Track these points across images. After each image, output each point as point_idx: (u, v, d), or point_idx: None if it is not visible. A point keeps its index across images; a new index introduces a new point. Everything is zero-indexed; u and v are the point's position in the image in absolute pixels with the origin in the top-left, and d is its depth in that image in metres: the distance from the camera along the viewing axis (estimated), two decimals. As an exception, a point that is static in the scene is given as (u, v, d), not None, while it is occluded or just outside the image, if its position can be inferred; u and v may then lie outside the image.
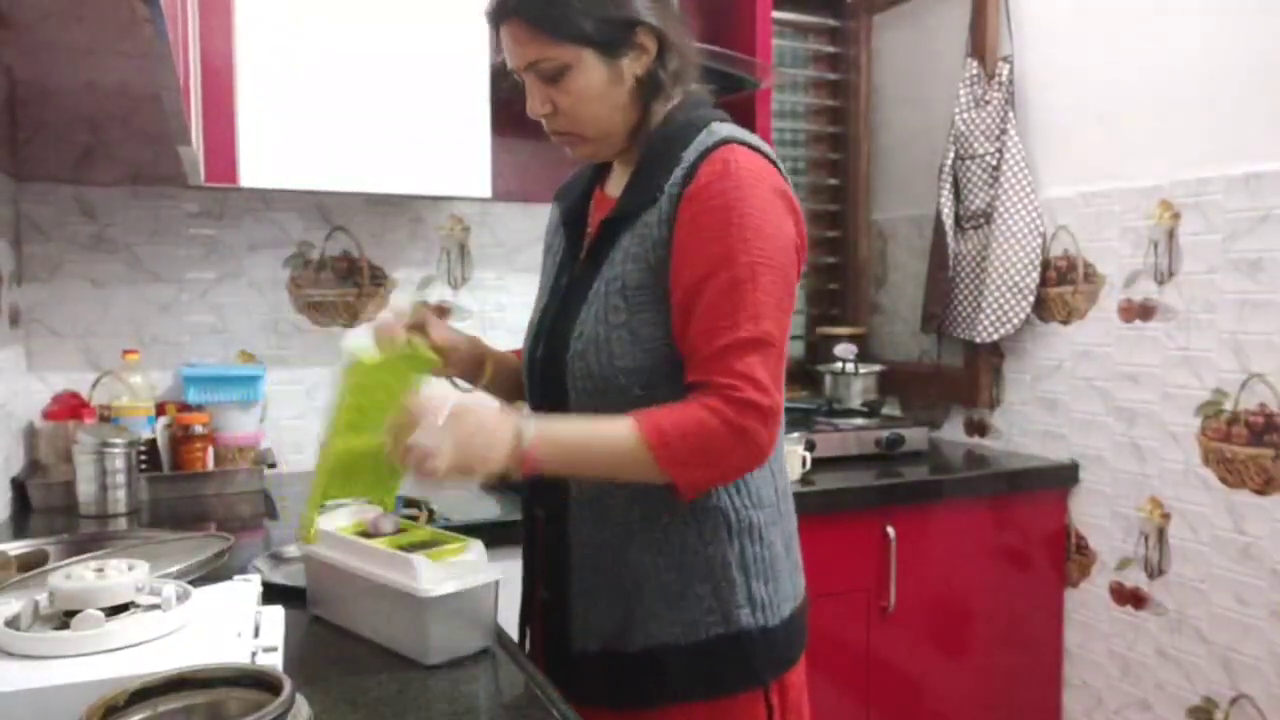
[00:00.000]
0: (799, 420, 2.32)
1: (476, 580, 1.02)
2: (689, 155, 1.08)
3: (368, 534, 1.10)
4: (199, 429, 1.84)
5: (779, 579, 1.16)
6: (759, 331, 1.03)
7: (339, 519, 1.14)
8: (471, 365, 1.26)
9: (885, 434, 2.22)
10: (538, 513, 1.20)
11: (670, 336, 1.07)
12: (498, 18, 1.10)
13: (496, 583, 1.05)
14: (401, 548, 1.04)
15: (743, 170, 1.05)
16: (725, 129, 1.10)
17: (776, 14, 2.33)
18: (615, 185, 1.19)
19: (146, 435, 1.81)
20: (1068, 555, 2.20)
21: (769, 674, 1.15)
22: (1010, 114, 2.24)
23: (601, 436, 1.03)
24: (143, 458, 1.77)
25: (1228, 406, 1.85)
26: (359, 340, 1.02)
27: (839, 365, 2.44)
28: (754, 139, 1.11)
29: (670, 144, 1.10)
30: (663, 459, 1.01)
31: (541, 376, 1.17)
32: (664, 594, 1.11)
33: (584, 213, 1.22)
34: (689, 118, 1.12)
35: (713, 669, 1.12)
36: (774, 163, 1.11)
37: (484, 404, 1.04)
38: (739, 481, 1.12)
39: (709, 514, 1.11)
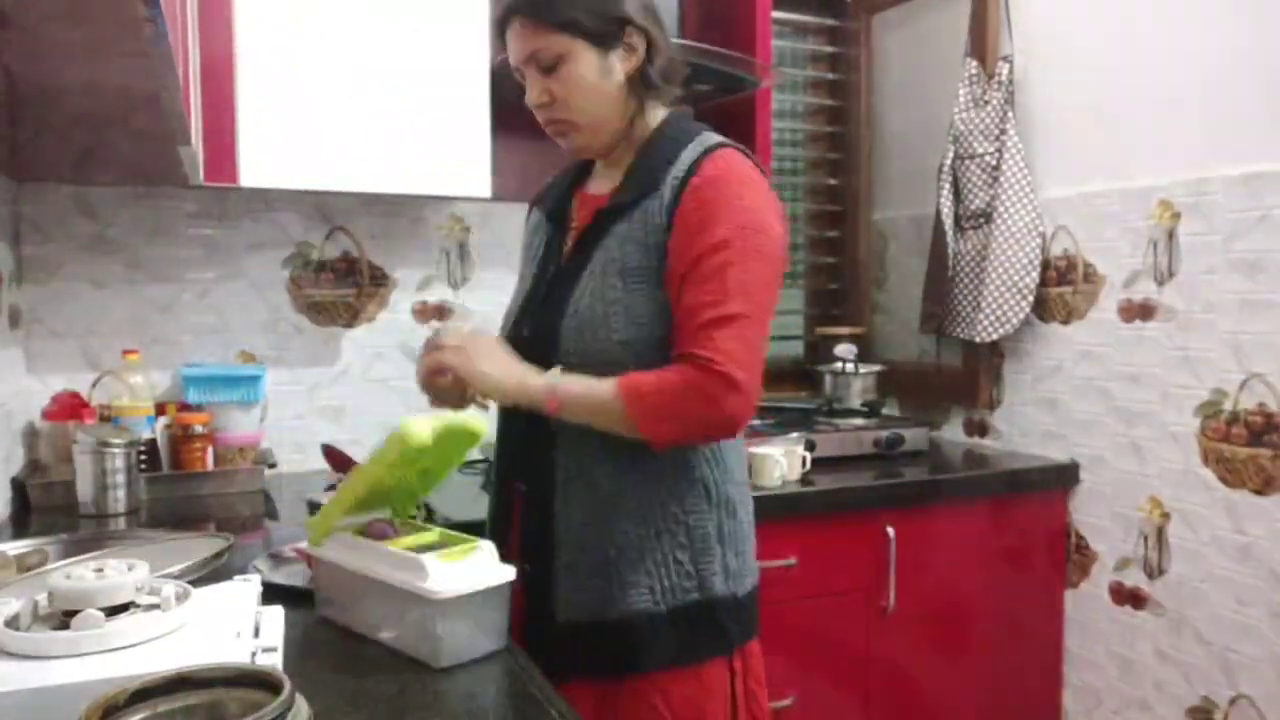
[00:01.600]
0: (799, 420, 2.32)
1: (488, 581, 1.02)
2: (687, 155, 1.21)
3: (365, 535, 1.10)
4: (199, 429, 1.84)
5: (746, 553, 1.26)
6: (740, 309, 1.13)
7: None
8: None
9: (885, 434, 2.22)
10: (520, 488, 1.26)
11: (660, 314, 1.17)
12: (504, 21, 1.23)
13: (509, 584, 1.04)
14: (411, 549, 1.04)
15: (741, 170, 1.20)
16: (718, 137, 1.25)
17: (776, 14, 2.33)
18: (599, 185, 1.30)
19: (146, 435, 1.81)
20: (1068, 555, 2.20)
21: (736, 641, 1.23)
22: (1010, 114, 2.24)
23: (589, 384, 1.15)
24: (142, 457, 1.77)
25: (1227, 406, 1.85)
26: (417, 423, 1.05)
27: (839, 365, 2.44)
28: (743, 148, 1.24)
29: (667, 145, 1.23)
30: (631, 409, 1.12)
31: (526, 355, 1.24)
32: (645, 563, 1.17)
33: (566, 210, 1.33)
34: (680, 127, 1.26)
35: (688, 635, 1.19)
36: (761, 170, 1.25)
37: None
38: (719, 457, 1.22)
39: (692, 486, 1.20)
